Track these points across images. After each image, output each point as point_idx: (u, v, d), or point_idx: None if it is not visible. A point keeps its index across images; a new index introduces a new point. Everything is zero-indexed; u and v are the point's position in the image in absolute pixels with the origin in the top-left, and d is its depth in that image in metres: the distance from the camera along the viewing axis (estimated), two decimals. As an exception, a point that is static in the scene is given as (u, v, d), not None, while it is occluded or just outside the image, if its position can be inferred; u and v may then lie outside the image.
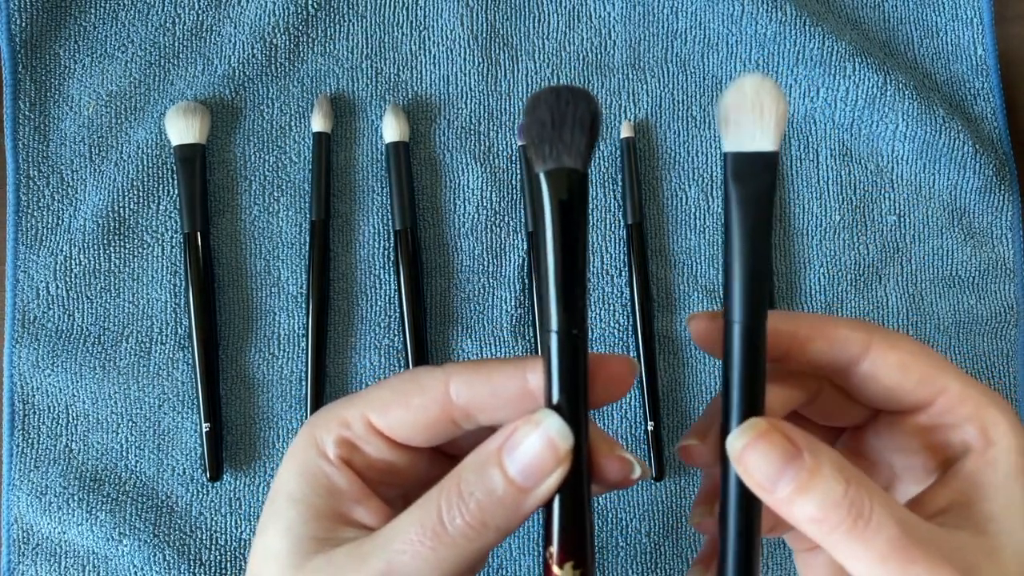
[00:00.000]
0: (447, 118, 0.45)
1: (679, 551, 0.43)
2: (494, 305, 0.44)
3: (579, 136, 0.23)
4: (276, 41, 0.45)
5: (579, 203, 0.24)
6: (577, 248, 0.23)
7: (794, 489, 0.23)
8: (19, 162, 0.43)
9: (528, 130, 0.24)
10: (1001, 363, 0.45)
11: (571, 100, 0.24)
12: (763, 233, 0.24)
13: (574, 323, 0.23)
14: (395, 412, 0.26)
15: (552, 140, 0.23)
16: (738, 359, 0.24)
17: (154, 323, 0.43)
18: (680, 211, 0.46)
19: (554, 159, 0.23)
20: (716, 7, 0.45)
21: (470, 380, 0.25)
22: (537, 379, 0.25)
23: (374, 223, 0.45)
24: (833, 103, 0.45)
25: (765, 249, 0.24)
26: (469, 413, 0.25)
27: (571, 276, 0.23)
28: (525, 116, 0.24)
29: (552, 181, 0.23)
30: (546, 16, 0.46)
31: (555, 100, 0.24)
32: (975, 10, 0.48)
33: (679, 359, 0.45)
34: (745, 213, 0.23)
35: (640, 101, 0.46)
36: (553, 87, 0.24)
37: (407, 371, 0.27)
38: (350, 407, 0.26)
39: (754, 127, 0.23)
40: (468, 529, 0.23)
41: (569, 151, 0.23)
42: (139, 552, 0.42)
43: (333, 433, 0.26)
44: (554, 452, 0.23)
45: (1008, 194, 0.46)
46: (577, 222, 0.23)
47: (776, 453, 0.23)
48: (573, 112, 0.24)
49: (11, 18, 0.43)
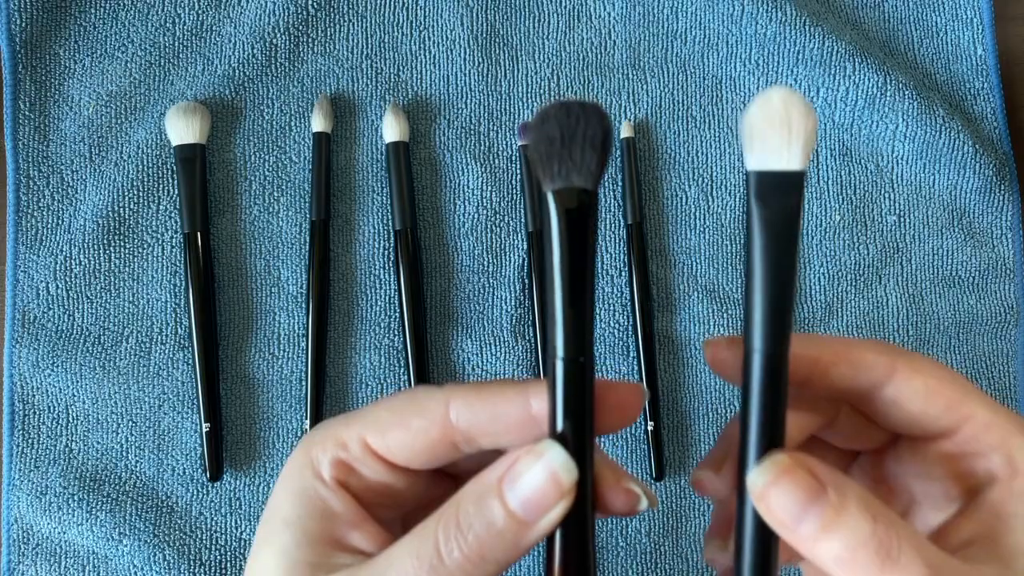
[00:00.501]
0: (447, 118, 0.45)
1: (679, 551, 0.43)
2: (494, 305, 0.44)
3: (590, 155, 0.22)
4: (276, 41, 0.45)
5: (588, 225, 0.22)
6: (585, 271, 0.22)
7: (819, 528, 0.22)
8: (19, 162, 0.43)
9: (536, 146, 0.22)
10: (1001, 363, 0.45)
11: (582, 116, 0.22)
12: (789, 258, 0.22)
13: (581, 350, 0.22)
14: (394, 434, 0.25)
15: (561, 158, 0.22)
16: (758, 389, 0.23)
17: (154, 323, 0.43)
18: (680, 211, 0.46)
19: (563, 178, 0.22)
20: (716, 7, 0.45)
21: (472, 404, 0.24)
22: (541, 405, 0.24)
23: (374, 223, 0.44)
24: (833, 103, 0.45)
25: (791, 274, 0.22)
26: (470, 437, 0.25)
27: (579, 301, 0.22)
28: (532, 131, 0.23)
29: (560, 201, 0.22)
30: (546, 16, 0.46)
31: (565, 115, 0.22)
32: (975, 10, 0.48)
33: (679, 359, 0.45)
34: (769, 236, 0.22)
35: (640, 101, 0.46)
36: (563, 101, 0.23)
37: (406, 391, 0.26)
38: (347, 427, 0.25)
39: (781, 144, 0.22)
40: (466, 562, 0.23)
41: (579, 170, 0.22)
42: (139, 552, 0.42)
43: (329, 454, 0.25)
44: (557, 486, 0.22)
45: (1008, 194, 0.46)
46: (585, 244, 0.22)
47: (800, 491, 0.22)
48: (584, 129, 0.22)
49: (11, 18, 0.43)
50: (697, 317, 0.45)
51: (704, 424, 0.44)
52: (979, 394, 0.25)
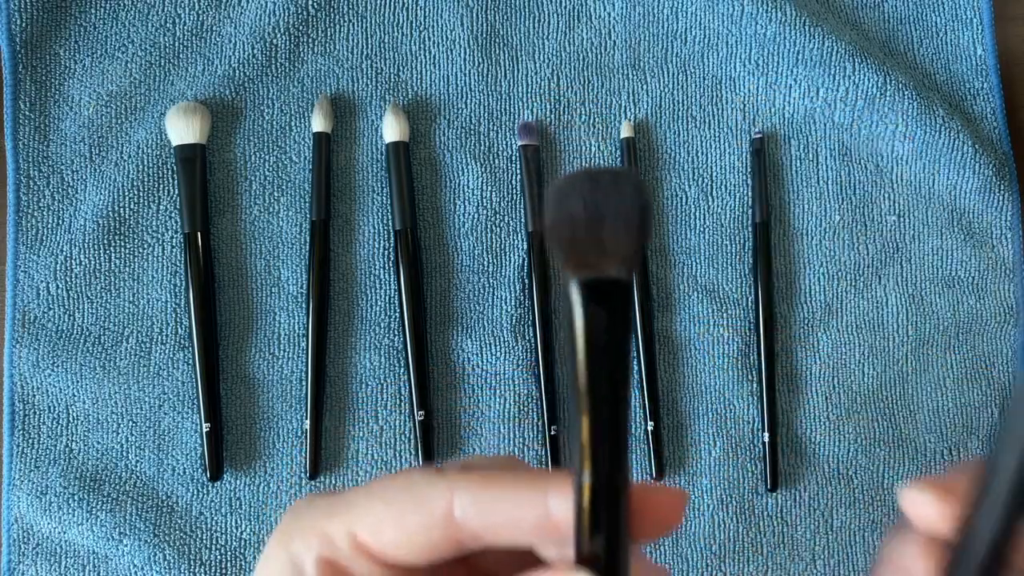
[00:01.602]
0: (447, 118, 0.45)
1: (679, 551, 0.43)
2: (494, 305, 0.44)
3: (625, 238, 0.18)
4: (276, 41, 0.45)
5: (623, 320, 0.18)
6: (621, 376, 0.18)
7: None
8: (19, 162, 0.43)
9: (557, 227, 0.18)
10: (1001, 363, 0.45)
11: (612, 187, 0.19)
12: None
13: (617, 469, 0.18)
14: (389, 531, 0.21)
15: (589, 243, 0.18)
16: None
17: (154, 323, 0.43)
18: (680, 211, 0.46)
19: (592, 267, 0.18)
20: (716, 7, 0.45)
21: (479, 500, 0.20)
22: (560, 507, 0.20)
23: (374, 223, 0.45)
24: (833, 103, 0.45)
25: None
26: (477, 535, 0.21)
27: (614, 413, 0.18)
28: (551, 206, 0.19)
29: (588, 295, 0.18)
30: (546, 16, 0.46)
31: (591, 187, 0.19)
32: (975, 10, 0.48)
33: (679, 359, 0.45)
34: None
35: (640, 101, 0.46)
36: (590, 171, 0.19)
37: (402, 476, 0.22)
38: (333, 519, 0.21)
39: None
40: None
41: (612, 257, 0.18)
42: (139, 552, 0.42)
43: (313, 552, 0.21)
44: None
45: (1008, 194, 0.46)
46: (620, 344, 0.18)
47: None
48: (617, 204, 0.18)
49: (11, 18, 0.43)
50: (697, 317, 0.45)
51: (704, 424, 0.44)
52: None
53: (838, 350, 0.45)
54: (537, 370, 0.44)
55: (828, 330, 0.45)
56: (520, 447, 0.44)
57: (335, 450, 0.43)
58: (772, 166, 0.46)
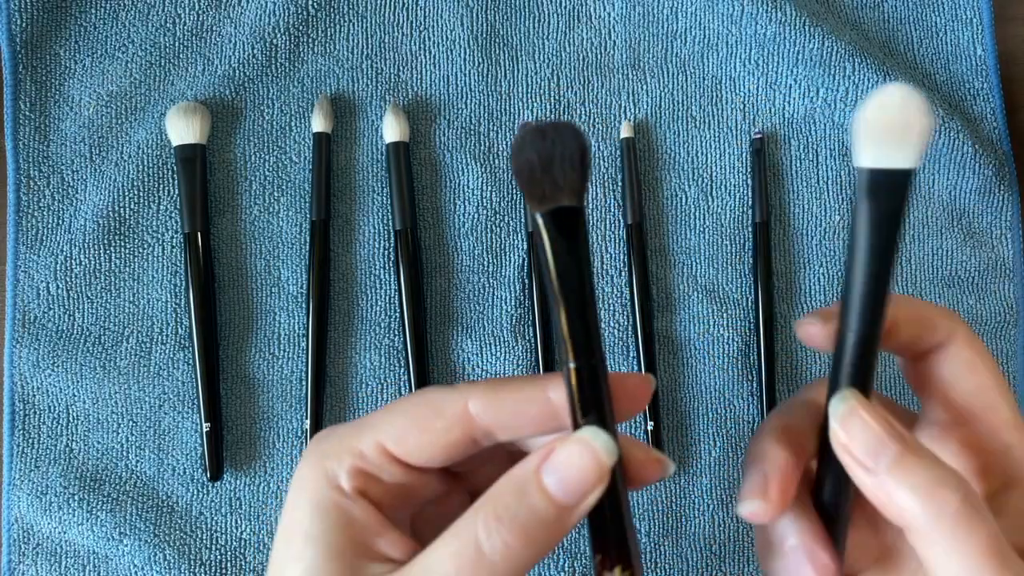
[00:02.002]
0: (447, 118, 0.45)
1: (679, 551, 0.43)
2: (494, 305, 0.44)
3: (571, 173, 0.23)
4: (276, 41, 0.45)
5: (581, 238, 0.24)
6: (584, 281, 0.24)
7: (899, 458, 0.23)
8: (19, 162, 0.43)
9: (519, 174, 0.23)
10: (1001, 363, 0.45)
11: (556, 137, 0.23)
12: (890, 251, 0.23)
13: (592, 354, 0.24)
14: (413, 438, 0.25)
15: (544, 182, 0.23)
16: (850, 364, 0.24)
17: (154, 323, 0.43)
18: (680, 211, 0.46)
19: (550, 200, 0.23)
20: (716, 7, 0.45)
21: (490, 401, 0.25)
22: (559, 395, 0.25)
23: (374, 223, 0.45)
24: (833, 103, 0.45)
25: (890, 266, 0.24)
26: (490, 432, 0.25)
27: (582, 309, 0.24)
28: (513, 158, 0.24)
29: (550, 221, 0.23)
30: (546, 16, 0.46)
31: (540, 139, 0.23)
32: (975, 10, 0.48)
33: (679, 359, 0.45)
34: (876, 231, 0.23)
35: (640, 101, 0.46)
36: (537, 125, 0.24)
37: (415, 394, 0.26)
38: (361, 435, 0.25)
39: (898, 144, 0.22)
40: (508, 552, 0.23)
41: (563, 190, 0.23)
42: (139, 552, 0.42)
43: (346, 464, 0.25)
44: (599, 467, 0.24)
45: (1008, 194, 0.46)
46: (581, 257, 0.23)
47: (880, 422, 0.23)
48: (561, 150, 0.23)
49: (11, 18, 0.43)
50: (697, 317, 0.45)
51: (704, 424, 0.44)
52: (1006, 390, 0.26)
53: (838, 350, 0.45)
54: (537, 370, 0.44)
55: (828, 330, 0.45)
56: (520, 447, 0.44)
57: (335, 450, 0.43)
58: (772, 166, 0.46)
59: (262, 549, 0.42)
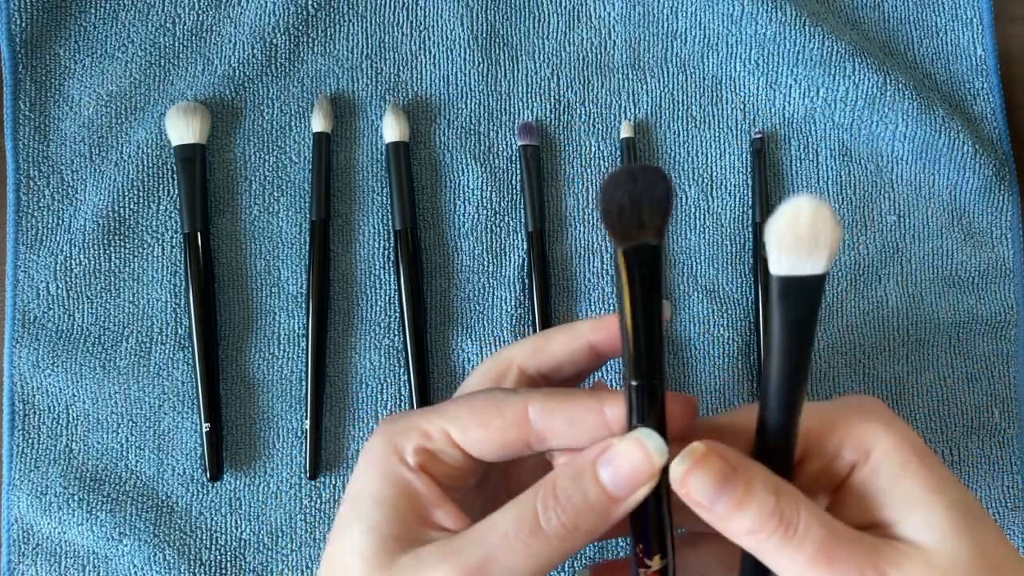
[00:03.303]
0: (447, 118, 0.45)
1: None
2: (494, 305, 0.44)
3: (656, 215, 0.25)
4: (276, 41, 0.45)
5: (657, 274, 0.26)
6: (655, 312, 0.25)
7: (732, 506, 0.25)
8: (19, 162, 0.43)
9: (608, 213, 0.25)
10: (1001, 363, 0.45)
11: (645, 180, 0.25)
12: (806, 349, 0.25)
13: (654, 375, 0.26)
14: (475, 431, 0.28)
15: (631, 221, 0.25)
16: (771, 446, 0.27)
17: (154, 323, 0.43)
18: (680, 211, 0.46)
19: (634, 238, 0.25)
20: (716, 7, 0.45)
21: (549, 409, 0.27)
22: (614, 412, 0.27)
23: (374, 223, 0.45)
24: (833, 103, 0.45)
25: (806, 362, 0.25)
26: (544, 438, 0.28)
27: (651, 336, 0.26)
28: (602, 198, 0.25)
29: (632, 257, 0.25)
30: (546, 16, 0.46)
31: (631, 181, 0.25)
32: (975, 10, 0.48)
33: (679, 359, 0.45)
34: (789, 333, 0.25)
35: (640, 101, 0.46)
36: (628, 168, 0.26)
37: (484, 391, 0.29)
38: (430, 420, 0.28)
39: (808, 254, 0.24)
40: (561, 529, 0.25)
41: (647, 229, 0.25)
42: (139, 552, 0.42)
43: (413, 442, 0.28)
44: (650, 466, 0.26)
45: (1008, 194, 0.46)
46: (655, 290, 0.25)
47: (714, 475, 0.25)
48: (649, 192, 0.25)
49: (11, 18, 0.43)
50: (697, 317, 0.45)
51: (704, 424, 0.44)
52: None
53: (838, 350, 0.45)
54: (537, 370, 0.44)
55: (828, 330, 0.45)
56: (520, 447, 0.44)
57: (335, 450, 0.43)
58: (772, 166, 0.46)
59: (262, 549, 0.42)
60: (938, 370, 0.45)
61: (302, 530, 0.42)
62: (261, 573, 0.42)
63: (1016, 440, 0.45)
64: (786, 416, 0.26)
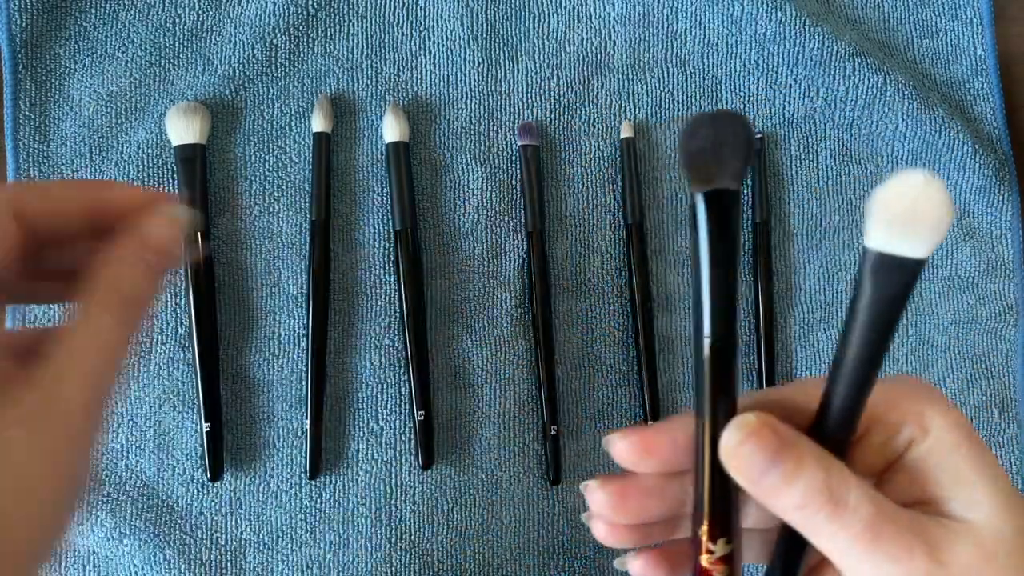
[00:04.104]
0: (447, 118, 0.45)
1: (679, 551, 0.43)
2: (494, 305, 0.44)
3: (737, 158, 0.24)
4: (276, 41, 0.45)
5: (735, 220, 0.25)
6: (734, 260, 0.25)
7: (781, 480, 0.24)
8: (19, 162, 0.43)
9: (689, 153, 0.25)
10: (1001, 363, 0.45)
11: (728, 123, 0.25)
12: (889, 330, 0.24)
13: (729, 329, 0.25)
14: None
15: (712, 163, 0.24)
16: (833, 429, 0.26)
17: (154, 323, 0.43)
18: (680, 211, 0.46)
19: (714, 181, 0.24)
20: (716, 7, 0.45)
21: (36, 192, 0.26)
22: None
23: (374, 223, 0.45)
24: (833, 103, 0.45)
25: (887, 344, 0.24)
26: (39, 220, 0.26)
27: (728, 286, 0.25)
28: (684, 139, 0.25)
29: (712, 202, 0.24)
30: (546, 16, 0.46)
31: (713, 124, 0.25)
32: (975, 10, 0.48)
33: (679, 359, 0.45)
34: (874, 314, 0.23)
35: (640, 101, 0.46)
36: (712, 112, 0.25)
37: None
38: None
39: (911, 233, 0.22)
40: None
41: (727, 173, 0.24)
42: (139, 552, 0.42)
43: None
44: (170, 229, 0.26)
45: (1008, 194, 0.46)
46: (734, 238, 0.25)
47: (766, 448, 0.25)
48: (732, 136, 0.25)
49: (11, 18, 0.43)
50: (697, 317, 0.45)
51: (704, 424, 0.44)
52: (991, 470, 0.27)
53: (838, 350, 0.45)
54: (537, 370, 0.44)
55: (828, 330, 0.45)
56: (520, 447, 0.44)
57: (335, 450, 0.43)
58: (772, 166, 0.46)
59: (262, 549, 0.42)
60: (938, 370, 0.45)
61: (302, 530, 0.42)
62: (261, 573, 0.42)
63: (1016, 440, 0.45)
64: (855, 396, 0.25)
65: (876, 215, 0.22)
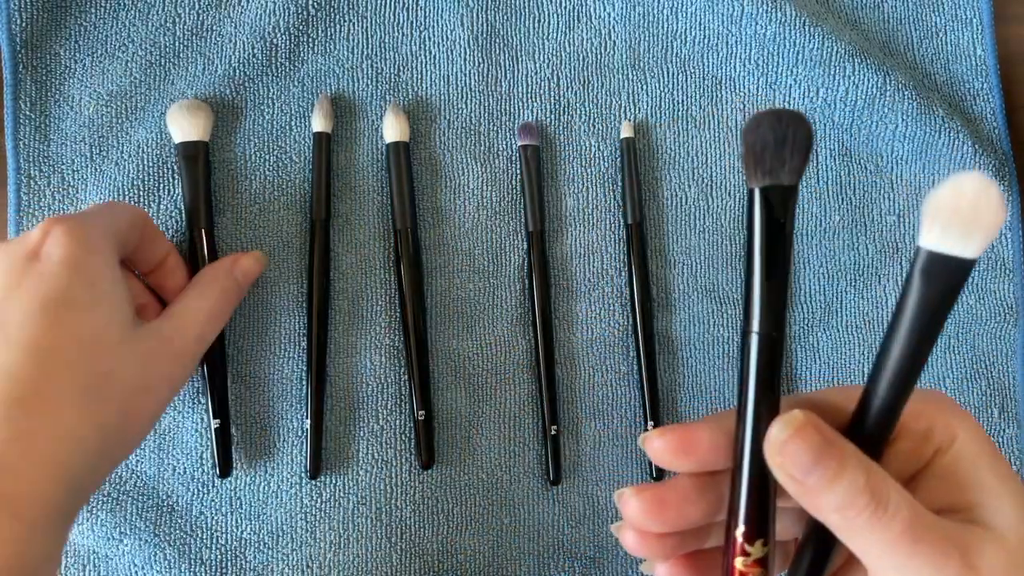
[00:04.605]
0: (447, 118, 0.45)
1: (679, 551, 0.43)
2: (494, 305, 0.44)
3: (797, 155, 0.25)
4: (276, 41, 0.45)
5: (791, 216, 0.25)
6: (787, 256, 0.25)
7: (825, 480, 0.24)
8: (20, 162, 0.43)
9: (751, 147, 0.25)
10: (1001, 363, 0.45)
11: (790, 121, 0.25)
12: (935, 332, 0.24)
13: (778, 326, 0.25)
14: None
15: (772, 159, 0.25)
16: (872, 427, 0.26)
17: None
18: (680, 211, 0.46)
19: (772, 176, 0.25)
20: (716, 7, 0.45)
21: None
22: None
23: (374, 223, 0.45)
24: (833, 103, 0.45)
25: (931, 345, 0.24)
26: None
27: (781, 281, 0.25)
28: (746, 134, 0.25)
29: (769, 198, 0.25)
30: (546, 16, 0.46)
31: (776, 121, 0.25)
32: (975, 10, 0.48)
33: (679, 359, 0.45)
34: (922, 313, 0.24)
35: (640, 101, 0.46)
36: (775, 110, 0.26)
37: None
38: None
39: (964, 233, 0.23)
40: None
41: (785, 169, 0.25)
42: (139, 552, 0.42)
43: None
44: None
45: (1008, 194, 0.46)
46: (788, 233, 0.25)
47: (812, 447, 0.24)
48: (793, 133, 0.25)
49: (11, 18, 0.43)
50: (697, 317, 0.45)
51: (704, 424, 0.44)
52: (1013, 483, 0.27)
53: (838, 350, 0.45)
54: (537, 370, 0.44)
55: (828, 330, 0.45)
56: (520, 447, 0.44)
57: (336, 450, 0.43)
58: (772, 166, 0.46)
59: (262, 548, 0.42)
60: (938, 370, 0.45)
61: (302, 530, 0.43)
62: (261, 572, 0.42)
63: (1016, 440, 0.45)
64: (895, 397, 0.25)
65: (932, 215, 0.23)
